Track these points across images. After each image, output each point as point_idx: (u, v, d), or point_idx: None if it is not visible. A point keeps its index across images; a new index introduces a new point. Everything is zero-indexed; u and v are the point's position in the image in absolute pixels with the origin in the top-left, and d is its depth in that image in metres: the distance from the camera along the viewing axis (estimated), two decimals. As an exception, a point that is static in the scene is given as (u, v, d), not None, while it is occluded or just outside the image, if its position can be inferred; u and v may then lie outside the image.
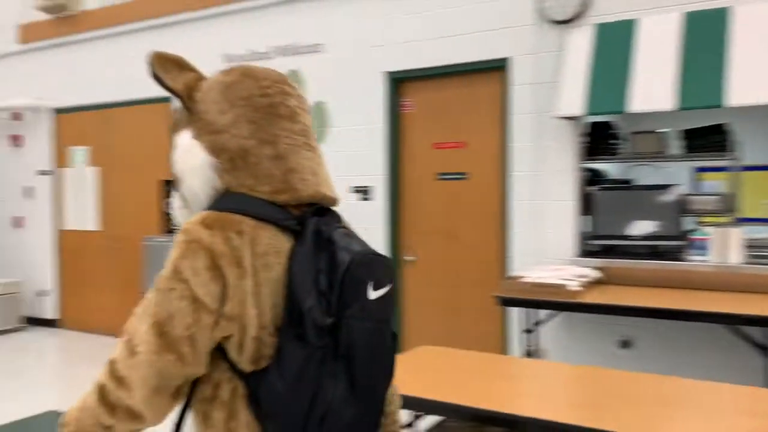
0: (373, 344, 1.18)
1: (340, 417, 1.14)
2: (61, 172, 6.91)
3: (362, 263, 1.15)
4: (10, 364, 5.84)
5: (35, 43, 6.92)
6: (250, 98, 1.26)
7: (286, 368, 1.12)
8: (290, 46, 5.31)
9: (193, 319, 1.10)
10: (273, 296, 1.15)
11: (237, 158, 1.22)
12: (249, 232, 1.15)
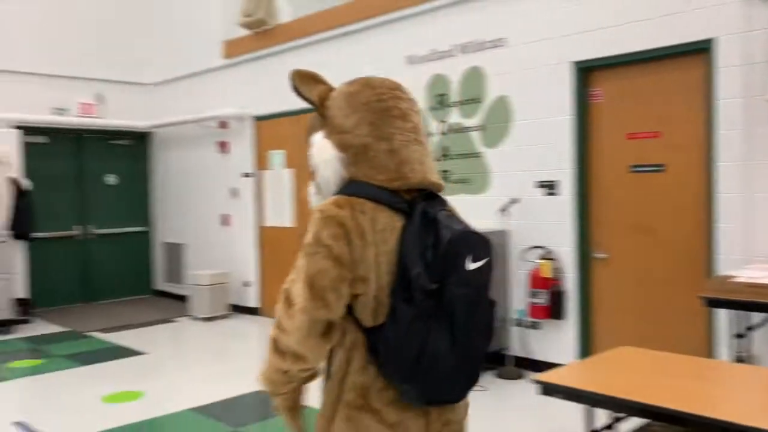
0: (470, 307, 1.46)
1: (443, 366, 1.44)
2: (262, 174, 7.57)
3: (461, 239, 1.44)
4: (219, 346, 6.52)
5: (238, 57, 7.65)
6: (369, 104, 1.57)
7: (397, 324, 1.43)
8: (472, 42, 5.34)
9: (336, 274, 1.44)
10: (388, 265, 1.47)
11: (359, 153, 1.55)
12: (369, 212, 1.48)
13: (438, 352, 1.45)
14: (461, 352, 1.47)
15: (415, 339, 1.44)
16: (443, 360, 1.46)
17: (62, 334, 6.93)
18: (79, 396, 4.83)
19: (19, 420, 4.30)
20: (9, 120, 7.67)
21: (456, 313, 1.46)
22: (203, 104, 8.11)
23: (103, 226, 8.82)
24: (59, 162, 8.44)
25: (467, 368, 1.51)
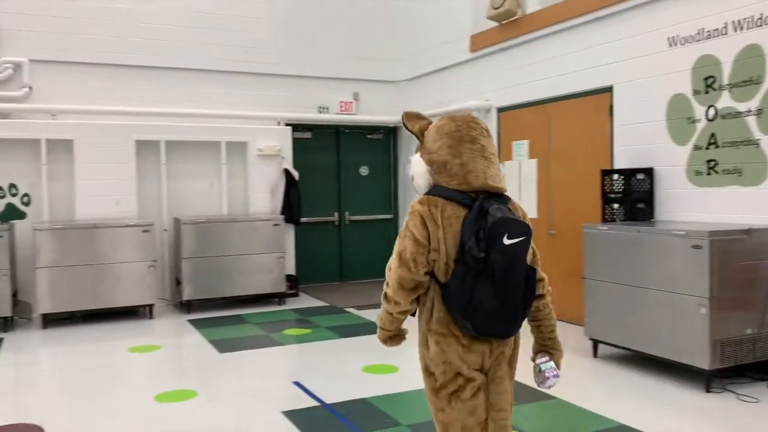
0: (505, 270, 2.17)
1: (487, 307, 2.17)
2: (504, 165, 7.63)
3: (500, 223, 2.14)
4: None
5: (483, 50, 7.79)
6: (449, 133, 2.32)
7: (455, 279, 2.18)
8: (750, 18, 4.79)
9: (414, 249, 2.21)
10: (453, 240, 2.20)
11: (441, 167, 2.30)
12: (440, 206, 2.23)
13: (483, 299, 2.18)
14: (499, 299, 2.19)
15: (467, 289, 2.18)
16: (487, 304, 2.19)
17: (324, 308, 7.75)
18: (342, 364, 5.37)
19: (296, 380, 4.93)
20: (282, 118, 8.74)
21: (495, 273, 2.17)
22: (449, 97, 8.41)
23: (356, 213, 9.64)
24: (321, 155, 9.39)
25: (505, 311, 2.23)
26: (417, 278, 2.24)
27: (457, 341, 2.28)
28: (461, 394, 2.29)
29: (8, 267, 6.65)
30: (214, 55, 8.43)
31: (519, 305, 2.27)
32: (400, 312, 2.35)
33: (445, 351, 2.28)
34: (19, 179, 7.49)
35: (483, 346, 2.29)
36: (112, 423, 4.13)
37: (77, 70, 7.80)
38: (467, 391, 2.29)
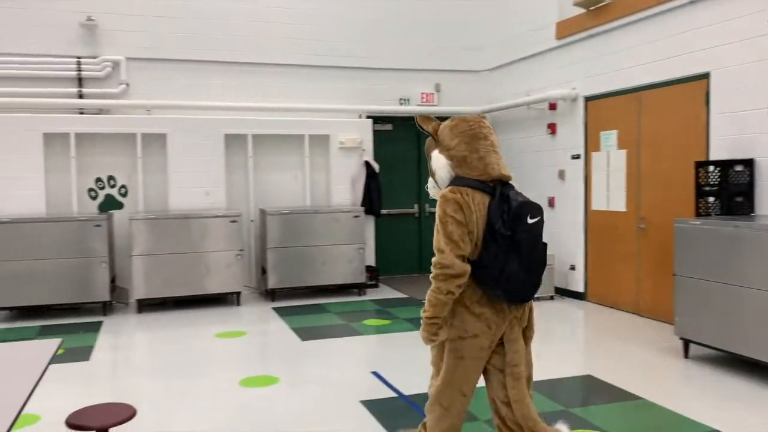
0: (530, 245, 2.60)
1: (517, 278, 2.59)
2: (590, 156, 7.37)
3: (523, 205, 2.58)
4: (543, 327, 6.57)
5: (569, 37, 7.54)
6: (464, 132, 2.73)
7: (489, 256, 2.59)
8: None
9: (460, 231, 2.58)
10: (482, 223, 2.60)
11: (460, 161, 2.71)
12: (470, 194, 2.62)
13: (512, 271, 2.60)
14: (527, 270, 2.63)
15: (498, 263, 2.60)
16: (515, 275, 2.60)
17: (403, 299, 7.78)
18: (420, 356, 5.35)
19: (374, 370, 4.97)
20: (364, 110, 8.82)
21: (521, 248, 2.61)
22: (533, 87, 8.21)
23: (435, 205, 9.58)
24: (401, 147, 9.40)
25: (530, 281, 2.68)
26: (464, 253, 2.63)
27: (470, 312, 2.70)
28: (464, 354, 2.74)
29: (107, 254, 7.08)
30: (299, 51, 8.61)
31: (539, 274, 2.75)
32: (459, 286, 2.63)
33: (475, 313, 2.71)
34: (117, 171, 7.95)
35: (497, 314, 2.71)
36: (199, 405, 4.31)
37: (171, 67, 8.17)
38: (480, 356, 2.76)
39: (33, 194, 7.44)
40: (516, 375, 2.77)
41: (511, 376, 2.77)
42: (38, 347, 3.05)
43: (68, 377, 4.89)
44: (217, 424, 3.99)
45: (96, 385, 4.84)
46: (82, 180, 7.77)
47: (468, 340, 2.70)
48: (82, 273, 6.98)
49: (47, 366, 2.74)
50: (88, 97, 7.86)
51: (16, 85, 7.58)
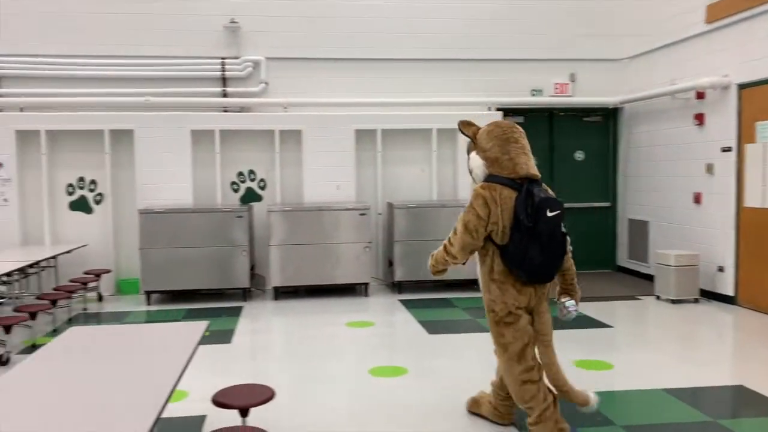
0: (550, 235, 3.12)
1: (536, 262, 3.12)
2: (744, 148, 6.76)
3: (543, 200, 3.10)
4: (687, 331, 6.14)
5: (721, 20, 6.95)
6: (498, 136, 3.24)
7: (513, 243, 3.13)
8: None
9: (476, 222, 3.17)
10: (509, 215, 3.14)
11: (493, 161, 3.22)
12: (498, 190, 3.16)
13: (533, 256, 3.11)
14: (546, 255, 3.14)
15: (521, 249, 3.11)
16: (536, 259, 3.11)
17: (532, 297, 7.57)
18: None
19: (503, 367, 4.86)
20: (493, 103, 8.67)
21: (542, 237, 3.10)
22: (679, 75, 7.67)
23: (570, 200, 9.24)
24: (532, 140, 8.96)
25: (549, 264, 3.18)
26: (476, 244, 3.29)
27: (513, 286, 3.27)
28: (515, 325, 3.30)
29: (247, 244, 7.50)
30: (428, 45, 8.63)
31: (557, 259, 3.26)
32: (455, 262, 3.39)
33: (504, 293, 3.28)
34: (257, 166, 8.39)
35: (530, 289, 3.28)
36: (331, 390, 4.45)
37: (306, 66, 8.49)
38: (518, 322, 3.29)
39: (182, 187, 8.04)
40: (545, 342, 3.37)
41: (542, 343, 3.37)
42: (189, 329, 3.28)
43: (212, 358, 5.23)
44: (348, 409, 4.10)
45: (236, 366, 5.14)
46: (225, 174, 8.28)
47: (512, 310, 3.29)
48: (224, 261, 7.46)
49: (197, 346, 2.94)
50: (232, 96, 8.36)
51: (167, 86, 8.21)
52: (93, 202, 8.17)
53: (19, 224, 7.84)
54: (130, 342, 3.15)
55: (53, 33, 8.05)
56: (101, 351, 2.98)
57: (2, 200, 7.77)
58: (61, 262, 7.86)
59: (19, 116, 7.86)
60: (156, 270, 7.35)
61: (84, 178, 8.14)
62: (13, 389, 2.40)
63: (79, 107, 8.06)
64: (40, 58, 8.04)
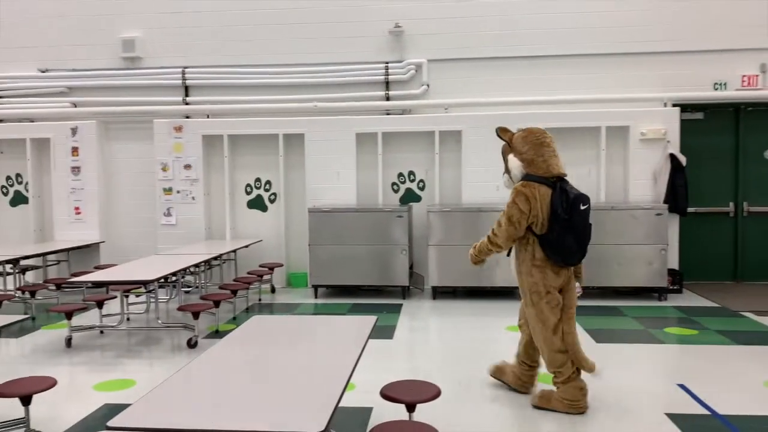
0: (583, 225, 3.77)
1: (571, 249, 3.77)
2: None
3: (577, 196, 3.74)
4: None
5: None
6: (532, 141, 3.85)
7: (553, 233, 3.75)
8: None
9: (519, 216, 3.78)
10: (546, 208, 3.77)
11: (530, 162, 3.84)
12: (537, 187, 3.78)
13: (569, 243, 3.70)
14: (579, 242, 3.73)
15: (559, 238, 3.68)
16: (571, 247, 3.71)
17: (713, 309, 6.93)
18: (737, 374, 4.72)
19: (680, 383, 4.51)
20: (669, 98, 8.06)
21: (576, 228, 3.70)
22: None
23: (757, 204, 8.36)
24: (714, 137, 8.39)
25: (581, 250, 3.79)
26: (519, 233, 3.85)
27: (551, 270, 3.84)
28: (551, 302, 3.88)
29: (407, 243, 7.63)
30: (593, 39, 8.24)
31: (587, 246, 3.83)
32: (498, 251, 3.96)
33: (545, 276, 3.85)
34: (416, 167, 8.52)
35: (564, 271, 3.89)
36: (493, 394, 4.38)
37: (466, 66, 8.47)
38: (554, 300, 3.88)
39: (347, 187, 8.38)
40: (570, 315, 3.95)
41: (567, 315, 3.94)
42: (360, 322, 3.40)
43: (375, 352, 5.38)
44: (512, 415, 4.01)
45: (398, 362, 5.24)
46: (386, 175, 8.50)
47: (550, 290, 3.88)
48: (385, 259, 7.66)
49: (367, 340, 3.03)
50: (394, 99, 8.56)
51: (334, 91, 8.60)
52: (268, 201, 8.79)
53: (204, 220, 8.63)
54: (307, 332, 3.32)
55: (233, 46, 8.76)
56: (281, 339, 3.17)
57: (191, 198, 8.60)
58: (240, 256, 8.55)
59: (205, 122, 8.65)
60: (322, 265, 7.73)
61: (260, 178, 8.78)
62: (205, 372, 2.62)
63: (256, 113, 8.70)
64: (223, 68, 8.79)
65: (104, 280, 5.59)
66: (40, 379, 3.57)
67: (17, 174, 9.22)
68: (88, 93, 9.01)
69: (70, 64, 9.01)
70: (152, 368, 5.16)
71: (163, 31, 8.86)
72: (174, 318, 6.75)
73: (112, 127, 9.04)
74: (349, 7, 8.58)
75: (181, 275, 6.58)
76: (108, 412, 4.13)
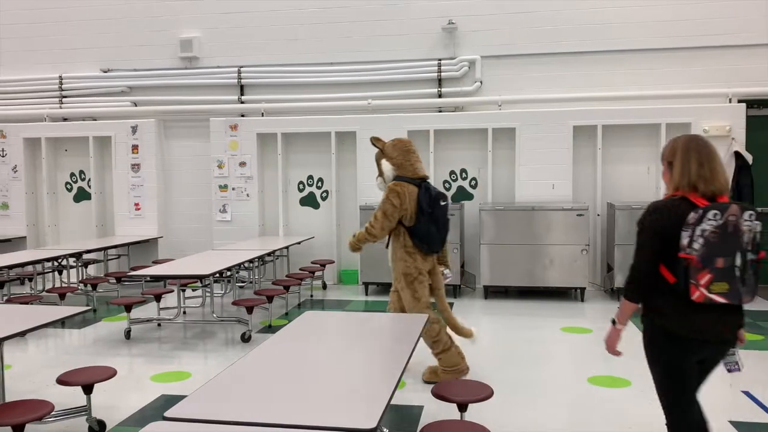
0: (442, 218, 4.57)
1: (434, 238, 4.53)
2: None
3: (438, 194, 4.57)
4: None
5: None
6: (401, 148, 4.64)
7: (420, 224, 4.50)
8: None
9: (392, 210, 4.46)
10: (413, 204, 4.48)
11: (399, 166, 4.59)
12: (406, 186, 4.51)
13: (433, 233, 4.48)
14: (440, 232, 4.54)
15: (425, 228, 4.46)
16: (434, 236, 4.50)
17: (780, 314, 6.64)
18: (807, 383, 4.50)
19: (745, 390, 4.32)
20: (735, 94, 7.75)
21: (438, 220, 4.51)
22: None
23: (828, 204, 7.95)
24: (782, 135, 8.02)
25: (442, 239, 4.58)
26: (392, 225, 4.47)
27: (420, 255, 4.51)
28: (423, 282, 4.54)
29: (458, 241, 7.56)
30: (655, 33, 7.98)
31: (446, 236, 4.61)
32: (375, 240, 4.54)
33: (415, 261, 4.51)
34: (468, 164, 8.44)
35: (429, 257, 4.57)
36: (548, 395, 4.30)
37: (520, 62, 8.34)
38: (425, 281, 4.55)
39: (398, 185, 8.36)
40: (440, 295, 4.68)
41: (437, 294, 4.67)
42: (411, 320, 3.38)
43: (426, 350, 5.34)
44: (568, 417, 3.92)
45: (449, 362, 5.19)
46: (438, 172, 8.45)
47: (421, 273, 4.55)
48: (436, 257, 7.60)
49: (419, 338, 3.01)
50: (447, 96, 8.50)
51: (387, 89, 8.60)
52: (320, 198, 8.87)
53: (258, 216, 8.77)
54: (358, 328, 3.32)
55: (286, 45, 8.86)
56: (333, 335, 3.18)
57: (245, 195, 8.75)
58: (292, 252, 8.65)
59: (260, 120, 8.78)
60: (373, 262, 7.73)
61: (312, 176, 8.86)
62: (258, 366, 2.65)
63: (309, 111, 8.78)
64: (277, 67, 8.90)
65: (162, 275, 5.74)
66: (101, 369, 3.68)
67: (80, 171, 9.57)
68: (148, 92, 9.28)
69: (130, 64, 9.30)
70: (207, 361, 5.27)
71: (220, 31, 9.04)
72: (228, 312, 6.87)
73: (171, 126, 9.28)
74: (402, 4, 8.56)
75: (235, 270, 6.70)
76: (165, 402, 4.23)
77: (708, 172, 2.50)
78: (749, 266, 2.43)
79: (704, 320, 2.45)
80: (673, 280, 2.48)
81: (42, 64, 9.49)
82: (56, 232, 9.58)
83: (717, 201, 2.46)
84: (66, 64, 9.44)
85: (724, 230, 2.38)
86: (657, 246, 2.52)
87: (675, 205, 2.52)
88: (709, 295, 2.39)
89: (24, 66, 9.56)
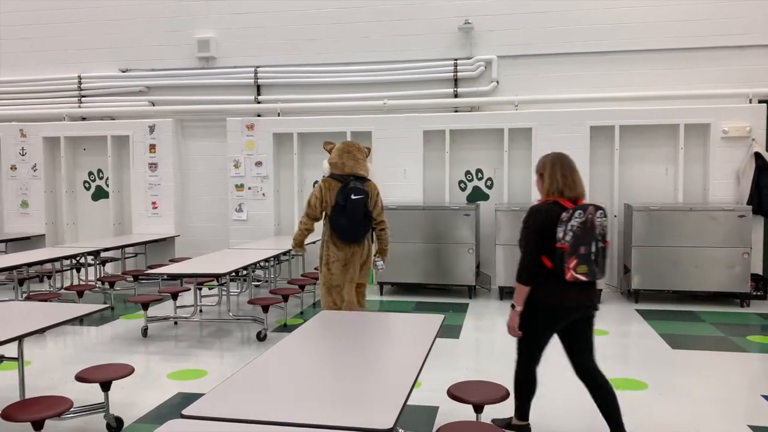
0: (353, 209, 4.99)
1: (347, 228, 5.04)
2: None
3: (351, 189, 5.00)
4: None
5: None
6: (340, 149, 5.18)
7: (335, 215, 5.05)
8: None
9: (316, 202, 5.12)
10: (333, 197, 5.06)
11: (336, 165, 5.13)
12: (331, 182, 5.11)
13: (345, 224, 5.01)
14: (351, 221, 5.00)
15: (339, 219, 5.01)
16: (345, 225, 5.02)
17: (800, 317, 6.55)
18: (829, 388, 4.43)
19: (765, 394, 4.27)
20: (755, 94, 7.66)
21: (349, 213, 4.97)
22: None
23: None
24: (803, 135, 7.89)
25: (355, 230, 5.05)
26: (315, 214, 5.09)
27: (335, 244, 5.05)
28: (332, 269, 5.05)
29: (474, 242, 7.54)
30: (669, 34, 7.91)
31: (360, 228, 5.03)
32: (307, 228, 5.16)
33: (328, 249, 5.07)
34: (484, 165, 8.42)
35: (345, 247, 5.05)
36: (564, 395, 4.28)
37: (537, 62, 8.29)
38: (335, 268, 5.05)
39: (413, 185, 8.36)
40: (359, 285, 5.20)
41: (352, 284, 5.11)
42: (427, 321, 3.37)
43: (441, 351, 5.34)
44: (583, 419, 3.91)
45: (464, 362, 5.18)
46: (453, 173, 8.43)
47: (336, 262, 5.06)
48: (451, 257, 7.59)
49: (435, 338, 3.00)
50: (462, 96, 8.48)
51: (403, 89, 8.59)
52: (334, 198, 8.86)
53: (274, 216, 8.81)
54: (374, 328, 3.33)
55: (303, 45, 8.89)
56: (348, 335, 3.18)
57: (261, 195, 8.79)
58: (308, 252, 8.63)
59: (276, 120, 8.81)
60: (388, 263, 7.66)
61: (327, 175, 8.87)
62: (274, 365, 2.66)
63: (325, 111, 8.80)
64: (293, 68, 8.93)
65: (179, 273, 5.78)
66: (119, 367, 3.72)
67: (99, 170, 9.66)
68: (166, 92, 9.35)
69: (148, 64, 9.37)
70: (223, 359, 5.30)
71: (236, 31, 9.08)
72: (244, 311, 6.91)
73: (188, 125, 9.35)
74: (418, 4, 8.55)
75: (251, 269, 6.72)
76: (181, 400, 4.26)
77: (571, 181, 3.25)
78: (600, 252, 3.19)
79: (574, 293, 3.22)
80: (550, 265, 3.19)
81: (61, 64, 9.60)
82: (74, 231, 9.69)
83: (578, 203, 3.21)
84: (85, 64, 9.54)
85: (585, 225, 3.11)
86: (539, 240, 3.20)
87: (550, 207, 3.22)
88: (576, 275, 3.13)
89: (43, 66, 9.67)
